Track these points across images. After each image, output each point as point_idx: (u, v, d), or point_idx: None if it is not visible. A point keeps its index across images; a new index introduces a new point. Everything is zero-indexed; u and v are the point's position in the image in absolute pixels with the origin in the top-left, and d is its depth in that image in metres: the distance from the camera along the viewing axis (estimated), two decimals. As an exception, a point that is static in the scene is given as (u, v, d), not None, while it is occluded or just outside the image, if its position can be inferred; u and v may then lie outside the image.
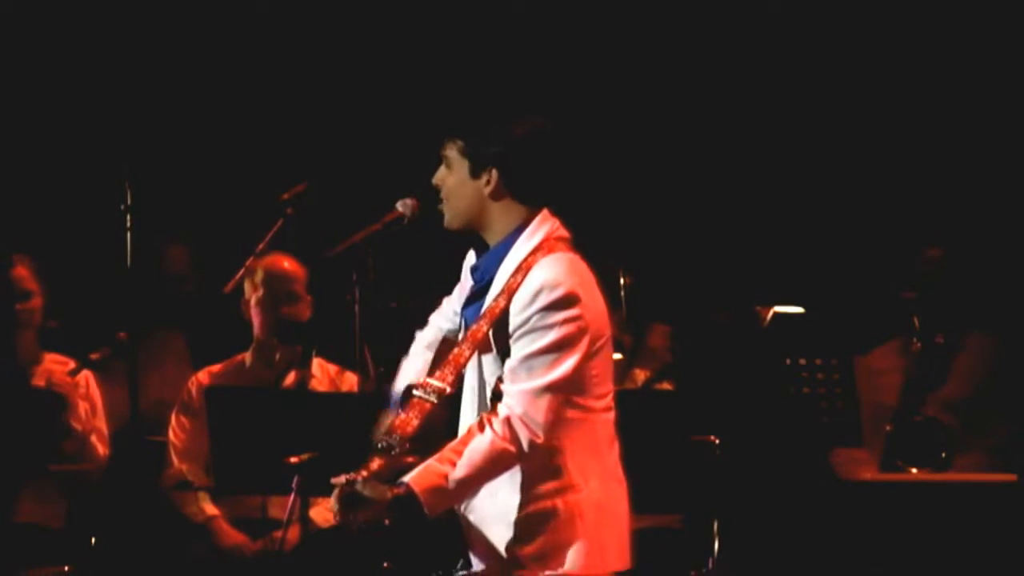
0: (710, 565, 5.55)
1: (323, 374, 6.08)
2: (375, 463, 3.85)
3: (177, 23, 7.63)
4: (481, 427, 3.88)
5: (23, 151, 7.38)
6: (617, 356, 6.12)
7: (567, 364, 3.91)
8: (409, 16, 7.61)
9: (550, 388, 3.90)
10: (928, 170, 7.19)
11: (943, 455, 6.13)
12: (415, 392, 3.93)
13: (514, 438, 3.87)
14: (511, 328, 3.92)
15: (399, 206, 4.15)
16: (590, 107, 7.22)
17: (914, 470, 6.11)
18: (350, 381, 6.03)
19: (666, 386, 6.25)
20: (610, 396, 4.07)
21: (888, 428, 6.18)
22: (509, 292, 3.94)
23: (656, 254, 7.03)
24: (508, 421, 3.87)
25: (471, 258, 4.18)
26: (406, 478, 3.84)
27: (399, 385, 4.19)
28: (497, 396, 3.94)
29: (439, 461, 3.87)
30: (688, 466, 5.48)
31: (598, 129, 7.13)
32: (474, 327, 3.96)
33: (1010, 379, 6.22)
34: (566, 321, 3.91)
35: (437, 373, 3.95)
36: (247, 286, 6.13)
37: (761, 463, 5.82)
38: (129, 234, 5.73)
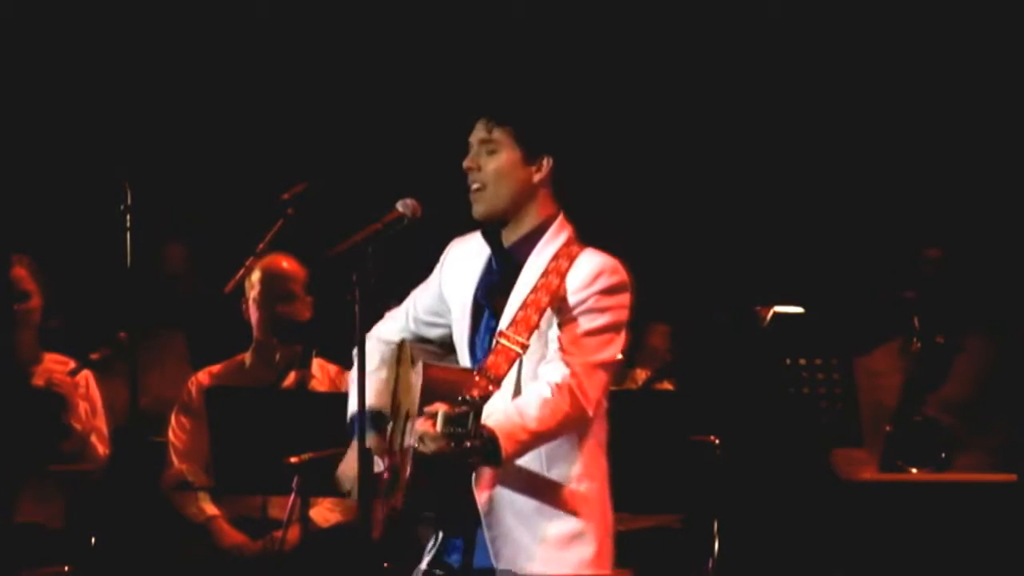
0: (710, 565, 5.55)
1: (323, 374, 6.08)
2: (476, 391, 3.85)
3: (177, 23, 7.63)
4: (552, 390, 3.90)
5: (23, 151, 7.38)
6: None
7: (616, 346, 4.02)
8: (410, 14, 7.61)
9: (603, 366, 3.99)
10: (928, 170, 7.19)
11: (943, 455, 6.14)
12: (502, 340, 3.94)
13: (574, 405, 3.92)
14: (569, 304, 3.98)
15: (399, 206, 4.14)
16: (588, 108, 7.22)
17: (914, 470, 6.12)
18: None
19: (666, 386, 6.25)
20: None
21: (888, 428, 6.19)
22: (559, 273, 3.99)
23: (656, 254, 7.02)
24: (571, 389, 3.91)
25: (457, 252, 4.19)
26: (486, 421, 3.81)
27: (353, 401, 4.14)
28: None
29: (511, 412, 3.87)
30: (688, 466, 5.49)
31: (598, 129, 7.13)
32: (532, 297, 3.98)
33: (1010, 379, 6.22)
34: (620, 306, 4.02)
35: (511, 329, 3.96)
36: (247, 286, 6.13)
37: (761, 463, 5.82)
38: (129, 234, 5.73)
